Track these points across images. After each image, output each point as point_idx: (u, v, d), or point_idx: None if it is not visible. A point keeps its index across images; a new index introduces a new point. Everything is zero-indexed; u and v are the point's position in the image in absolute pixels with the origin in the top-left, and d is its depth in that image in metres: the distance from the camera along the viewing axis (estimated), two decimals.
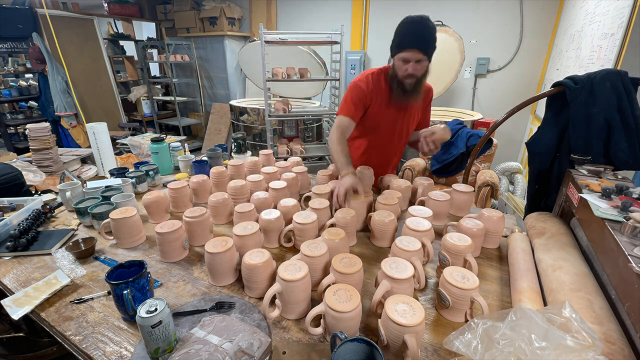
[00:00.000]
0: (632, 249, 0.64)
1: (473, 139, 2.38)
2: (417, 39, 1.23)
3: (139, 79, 5.82)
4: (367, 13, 4.29)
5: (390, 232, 1.10)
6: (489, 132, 1.56)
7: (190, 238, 1.11)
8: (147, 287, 0.81)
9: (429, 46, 1.24)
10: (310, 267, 0.83)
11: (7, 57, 4.97)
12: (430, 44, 1.24)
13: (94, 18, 4.71)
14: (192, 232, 1.10)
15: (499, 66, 3.80)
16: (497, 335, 0.56)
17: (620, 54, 1.62)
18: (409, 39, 1.25)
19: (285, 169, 1.58)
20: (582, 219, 0.91)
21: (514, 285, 0.86)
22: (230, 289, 0.91)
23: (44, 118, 4.31)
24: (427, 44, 1.24)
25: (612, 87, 1.05)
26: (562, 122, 1.17)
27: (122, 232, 1.09)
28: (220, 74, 5.28)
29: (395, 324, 0.64)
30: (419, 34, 1.23)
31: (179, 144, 1.94)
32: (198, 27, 5.09)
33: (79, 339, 0.74)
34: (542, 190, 1.29)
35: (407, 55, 1.26)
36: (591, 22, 2.15)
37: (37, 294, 0.86)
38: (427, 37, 1.23)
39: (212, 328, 0.70)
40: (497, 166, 3.22)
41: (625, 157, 1.04)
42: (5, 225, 1.15)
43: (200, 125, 5.77)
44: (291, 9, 4.83)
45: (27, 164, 1.81)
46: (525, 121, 3.83)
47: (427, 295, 0.89)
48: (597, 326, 0.63)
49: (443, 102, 4.12)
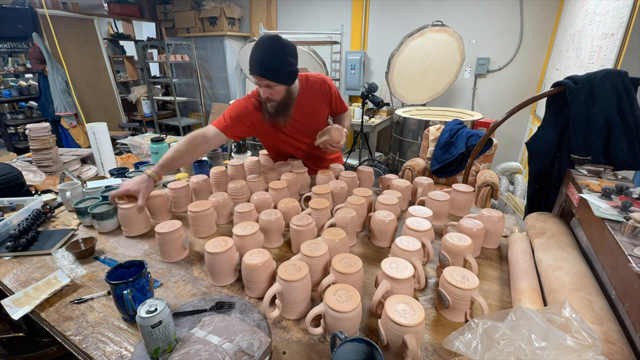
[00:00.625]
0: (632, 249, 0.64)
1: (473, 139, 2.39)
2: (257, 64, 1.17)
3: (139, 79, 5.83)
4: (367, 13, 4.30)
5: (390, 232, 1.09)
6: (489, 132, 1.56)
7: (194, 232, 1.17)
8: (147, 287, 0.81)
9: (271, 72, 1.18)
10: (310, 267, 0.83)
11: (7, 57, 4.98)
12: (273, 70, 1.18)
13: (94, 18, 4.71)
14: (197, 225, 1.16)
15: (499, 66, 3.80)
16: (497, 335, 0.56)
17: (620, 54, 1.62)
18: (251, 64, 1.19)
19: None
20: (582, 219, 0.91)
21: (514, 285, 0.86)
22: (230, 289, 0.91)
23: (44, 118, 4.32)
24: (269, 70, 1.18)
25: (612, 87, 1.05)
26: (562, 122, 1.17)
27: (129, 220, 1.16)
28: (220, 74, 5.29)
29: (395, 324, 0.64)
30: (259, 59, 1.17)
31: None
32: (198, 27, 5.09)
33: (79, 339, 0.74)
34: (542, 190, 1.29)
35: (255, 80, 1.23)
36: (591, 22, 2.15)
37: (37, 294, 0.86)
38: (267, 62, 1.16)
39: (212, 328, 0.70)
40: (497, 166, 3.22)
41: (625, 157, 1.04)
42: (5, 225, 1.15)
43: (200, 125, 5.77)
44: (291, 9, 4.83)
45: (27, 164, 1.81)
46: (525, 121, 3.83)
47: (427, 295, 0.89)
48: (597, 326, 0.63)
49: (443, 102, 4.12)
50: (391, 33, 4.15)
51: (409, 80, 3.80)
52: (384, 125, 3.99)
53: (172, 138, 2.46)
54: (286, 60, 1.20)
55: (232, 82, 5.25)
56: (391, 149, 3.86)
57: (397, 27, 4.10)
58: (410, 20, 4.01)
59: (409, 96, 3.90)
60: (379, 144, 4.69)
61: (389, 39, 4.12)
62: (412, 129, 3.30)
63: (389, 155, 4.06)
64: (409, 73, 3.75)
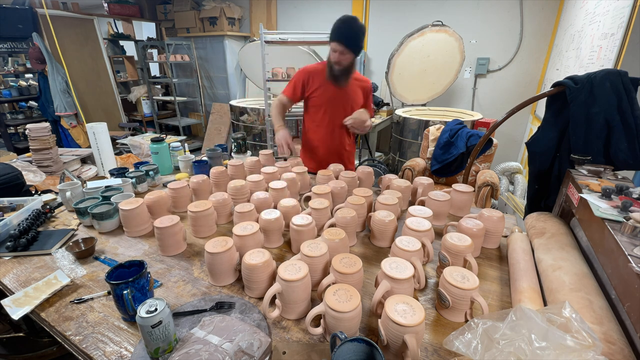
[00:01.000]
0: (632, 249, 0.64)
1: (473, 139, 2.38)
2: (342, 34, 1.55)
3: (139, 79, 5.82)
4: (367, 13, 4.29)
5: (390, 232, 1.10)
6: (489, 132, 1.56)
7: (195, 232, 1.18)
8: (147, 287, 0.81)
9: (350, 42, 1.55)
10: (310, 267, 0.83)
11: (7, 57, 4.97)
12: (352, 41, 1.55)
13: (94, 18, 4.71)
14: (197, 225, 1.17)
15: (499, 66, 3.80)
16: (497, 335, 0.56)
17: (620, 54, 1.61)
18: (336, 32, 1.56)
19: (285, 169, 1.58)
20: (582, 219, 0.91)
21: (514, 285, 0.86)
22: (230, 289, 0.91)
23: (44, 118, 4.32)
24: (349, 40, 1.55)
25: (612, 87, 1.05)
26: (562, 122, 1.17)
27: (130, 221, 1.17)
28: (220, 74, 5.28)
29: (395, 324, 0.64)
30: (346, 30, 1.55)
31: (179, 144, 1.94)
32: (198, 27, 5.09)
33: (79, 339, 0.74)
34: (542, 190, 1.29)
35: (334, 47, 1.58)
36: (591, 22, 2.15)
37: (37, 294, 0.86)
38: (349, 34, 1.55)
39: (212, 328, 0.70)
40: (497, 166, 3.22)
41: (625, 157, 1.04)
42: (5, 225, 1.15)
43: (200, 125, 5.77)
44: (291, 9, 4.83)
45: (27, 164, 1.81)
46: (525, 121, 3.83)
47: (427, 295, 0.89)
48: (597, 326, 0.63)
49: (443, 102, 4.12)
50: (391, 33, 4.15)
51: (409, 80, 3.80)
52: (384, 125, 3.98)
53: (172, 138, 2.46)
54: (362, 37, 1.59)
55: (232, 82, 5.25)
56: (391, 149, 3.86)
57: (397, 27, 4.10)
58: (410, 20, 4.00)
59: (409, 96, 3.90)
60: (379, 144, 4.69)
61: (389, 39, 4.12)
62: (412, 129, 3.30)
63: (389, 155, 4.06)
64: (409, 73, 3.75)
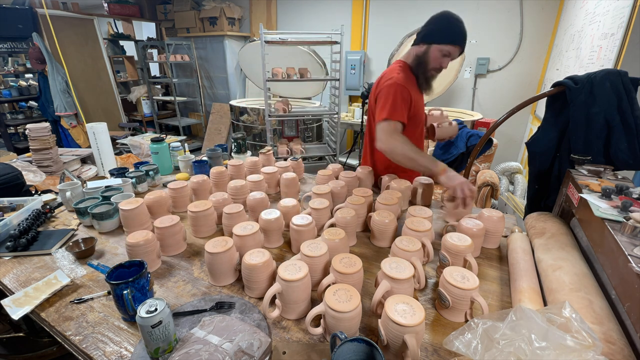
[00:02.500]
0: (632, 249, 0.64)
1: (473, 139, 2.38)
2: (463, 37, 1.30)
3: (139, 79, 5.82)
4: (367, 13, 4.30)
5: (390, 232, 1.09)
6: (489, 132, 1.56)
7: (195, 232, 1.18)
8: (147, 287, 0.81)
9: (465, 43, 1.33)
10: (310, 267, 0.83)
11: (7, 57, 4.97)
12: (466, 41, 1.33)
13: (94, 18, 4.71)
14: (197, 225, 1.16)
15: (499, 66, 3.80)
16: (497, 335, 0.56)
17: (620, 54, 1.61)
18: (458, 36, 1.29)
19: (285, 169, 1.58)
20: (582, 219, 0.91)
21: (514, 285, 0.86)
22: (230, 289, 0.91)
23: (44, 118, 4.32)
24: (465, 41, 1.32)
25: (612, 87, 1.05)
26: (562, 122, 1.17)
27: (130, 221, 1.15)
28: (220, 74, 5.28)
29: (395, 324, 0.64)
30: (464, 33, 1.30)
31: (179, 144, 1.94)
32: (198, 27, 5.09)
33: (79, 339, 0.74)
34: (542, 190, 1.28)
35: (450, 50, 1.31)
36: (591, 22, 2.15)
37: (37, 294, 0.86)
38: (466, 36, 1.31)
39: (212, 328, 0.70)
40: (497, 166, 3.22)
41: (625, 157, 1.04)
42: (5, 225, 1.15)
43: (200, 125, 5.77)
44: (291, 9, 4.83)
45: (27, 164, 1.81)
46: (525, 121, 3.83)
47: (427, 295, 0.89)
48: (597, 326, 0.63)
49: (443, 102, 4.12)
50: (391, 33, 4.15)
51: None
52: None
53: (172, 138, 2.47)
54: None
55: (232, 82, 5.25)
56: None
57: (397, 27, 4.10)
58: (410, 20, 4.00)
59: None
60: None
61: (389, 39, 4.12)
62: None
63: None
64: None
